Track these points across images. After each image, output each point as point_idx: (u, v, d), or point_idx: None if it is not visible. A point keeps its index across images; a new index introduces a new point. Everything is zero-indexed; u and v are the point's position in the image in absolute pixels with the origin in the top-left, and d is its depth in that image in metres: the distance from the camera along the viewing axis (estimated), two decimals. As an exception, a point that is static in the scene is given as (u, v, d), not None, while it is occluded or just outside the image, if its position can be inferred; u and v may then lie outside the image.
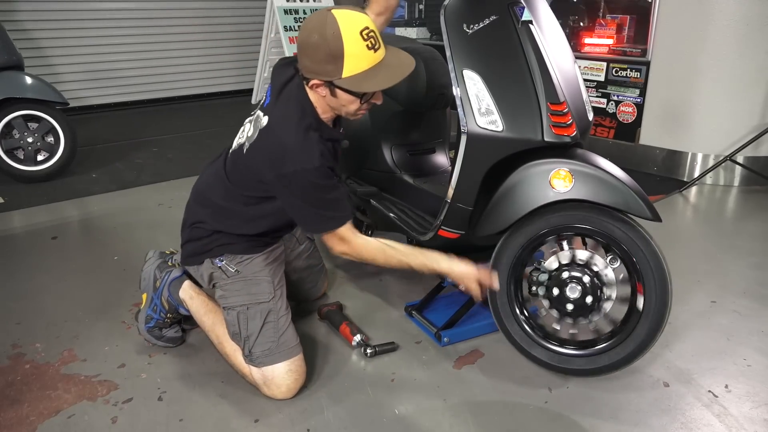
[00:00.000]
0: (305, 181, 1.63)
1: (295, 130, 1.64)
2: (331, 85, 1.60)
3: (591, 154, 1.77)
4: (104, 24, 5.63)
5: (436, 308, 2.19)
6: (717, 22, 3.42)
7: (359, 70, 1.56)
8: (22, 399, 1.77)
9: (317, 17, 1.55)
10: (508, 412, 1.71)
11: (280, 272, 1.92)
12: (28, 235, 3.00)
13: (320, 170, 1.63)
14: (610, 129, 4.01)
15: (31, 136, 3.68)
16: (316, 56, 1.56)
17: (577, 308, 1.77)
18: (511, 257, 1.82)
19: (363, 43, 1.54)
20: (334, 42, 1.52)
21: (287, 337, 1.79)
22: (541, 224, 1.76)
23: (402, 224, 2.18)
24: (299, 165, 1.61)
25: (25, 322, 2.19)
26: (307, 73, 1.62)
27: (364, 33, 1.55)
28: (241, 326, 1.78)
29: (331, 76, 1.57)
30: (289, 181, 1.64)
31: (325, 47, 1.53)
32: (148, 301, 1.99)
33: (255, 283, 1.82)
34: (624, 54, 3.84)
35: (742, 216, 3.21)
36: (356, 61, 1.55)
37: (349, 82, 1.58)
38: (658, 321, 1.68)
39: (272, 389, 1.75)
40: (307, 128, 1.64)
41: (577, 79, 1.92)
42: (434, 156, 2.47)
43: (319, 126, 1.69)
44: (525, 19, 1.78)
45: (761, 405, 1.74)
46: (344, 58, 1.53)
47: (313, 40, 1.54)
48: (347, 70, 1.55)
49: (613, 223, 1.68)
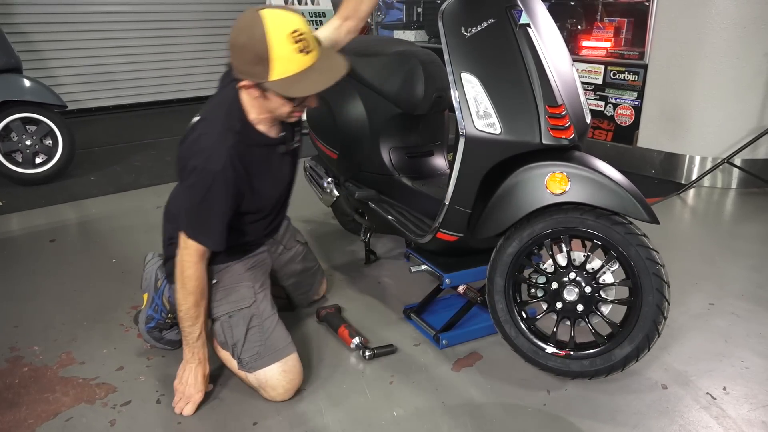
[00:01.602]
0: (199, 179, 1.60)
1: (213, 130, 1.62)
2: (261, 87, 1.56)
3: (589, 157, 1.77)
4: (103, 27, 5.63)
5: (434, 311, 2.19)
6: (714, 25, 3.44)
7: (288, 73, 1.51)
8: (20, 402, 1.77)
9: (246, 17, 1.51)
10: (506, 414, 1.71)
11: (262, 277, 1.91)
12: (26, 238, 3.00)
13: (220, 176, 1.59)
14: (608, 132, 4.01)
15: (29, 139, 3.68)
16: (243, 57, 1.52)
17: (574, 310, 1.77)
18: (509, 260, 1.82)
19: (291, 47, 1.49)
20: (260, 44, 1.47)
21: (275, 338, 1.78)
22: (540, 227, 1.77)
23: (400, 227, 2.18)
24: (202, 163, 1.59)
25: (22, 325, 2.19)
26: (238, 73, 1.58)
27: (294, 35, 1.49)
28: (227, 335, 1.78)
29: (259, 78, 1.53)
30: (188, 174, 1.62)
31: (251, 49, 1.48)
32: (149, 301, 1.99)
33: (234, 291, 1.82)
34: (622, 57, 3.85)
35: (739, 218, 3.22)
36: (284, 64, 1.50)
37: (278, 86, 1.53)
38: (655, 323, 1.68)
39: (269, 392, 1.75)
40: (226, 131, 1.62)
41: (575, 82, 1.93)
42: (432, 159, 2.48)
43: (243, 129, 1.66)
44: (523, 22, 1.78)
45: (759, 407, 1.74)
46: (271, 61, 1.48)
47: (241, 41, 1.50)
48: (275, 73, 1.51)
49: (611, 225, 1.69)
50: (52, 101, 3.69)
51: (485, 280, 1.88)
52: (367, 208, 2.43)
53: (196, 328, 1.74)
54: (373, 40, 2.70)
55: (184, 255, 1.70)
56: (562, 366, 1.80)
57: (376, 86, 2.34)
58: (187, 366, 1.76)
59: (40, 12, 5.26)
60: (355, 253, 2.75)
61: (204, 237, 1.68)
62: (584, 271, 1.77)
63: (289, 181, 1.92)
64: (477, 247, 2.04)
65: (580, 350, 1.80)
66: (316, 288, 2.29)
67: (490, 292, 1.86)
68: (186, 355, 1.77)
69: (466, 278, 2.04)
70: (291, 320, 2.21)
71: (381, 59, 2.34)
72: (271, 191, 1.83)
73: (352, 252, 2.77)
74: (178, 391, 1.74)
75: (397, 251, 2.77)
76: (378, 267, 2.63)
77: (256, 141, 1.69)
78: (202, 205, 1.63)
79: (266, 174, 1.77)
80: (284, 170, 1.86)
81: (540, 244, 1.80)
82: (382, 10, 5.69)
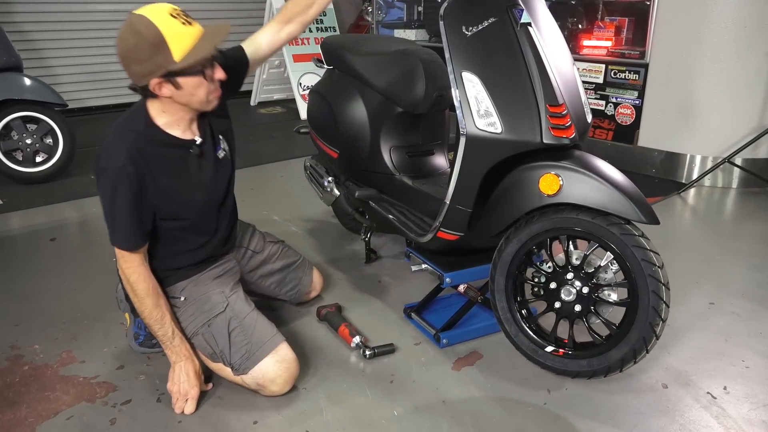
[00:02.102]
0: (105, 179, 1.63)
1: (113, 134, 1.66)
2: (171, 76, 1.57)
3: (589, 157, 1.77)
4: (103, 26, 5.62)
5: (435, 310, 2.19)
6: (715, 24, 3.43)
7: (186, 46, 1.54)
8: (20, 400, 1.77)
9: (124, 26, 1.55)
10: (507, 413, 1.71)
11: (231, 282, 1.91)
12: (27, 237, 3.00)
13: (121, 172, 1.60)
14: (609, 131, 4.01)
15: (29, 138, 3.67)
16: (141, 55, 1.53)
17: (572, 310, 1.77)
18: (509, 259, 1.82)
19: (177, 22, 1.54)
20: (149, 32, 1.50)
21: (259, 333, 1.77)
22: (537, 227, 1.76)
23: (401, 226, 2.18)
24: (104, 162, 1.62)
25: (23, 323, 2.19)
26: (143, 79, 1.57)
27: (174, 13, 1.55)
28: (211, 344, 1.77)
29: (165, 64, 1.54)
30: (98, 179, 1.65)
31: (144, 42, 1.51)
32: (131, 320, 1.97)
33: (206, 300, 1.81)
34: (622, 56, 3.85)
35: (740, 218, 3.22)
36: (179, 39, 1.53)
37: (185, 61, 1.55)
38: (652, 325, 1.67)
39: (269, 387, 1.74)
40: (126, 131, 1.65)
41: (576, 81, 1.92)
42: (433, 158, 2.48)
43: (147, 130, 1.67)
44: (524, 21, 1.78)
45: (760, 406, 1.74)
46: (168, 41, 1.52)
47: (131, 44, 1.53)
48: (176, 51, 1.53)
49: (607, 226, 1.68)
50: (53, 100, 3.68)
51: (487, 279, 1.88)
52: (367, 207, 2.43)
53: (167, 328, 1.74)
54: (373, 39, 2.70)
55: (121, 264, 1.71)
56: (561, 365, 1.80)
57: (376, 85, 2.34)
58: (176, 366, 1.75)
59: (40, 11, 5.25)
60: (355, 252, 2.75)
61: (121, 238, 1.67)
62: (582, 272, 1.76)
63: (218, 189, 1.86)
64: (477, 246, 2.04)
65: (578, 350, 1.80)
66: (306, 282, 2.25)
67: (493, 291, 1.87)
68: (171, 358, 1.76)
69: (467, 277, 2.04)
70: (291, 319, 2.21)
71: (382, 58, 2.34)
72: (190, 195, 1.77)
73: (353, 251, 2.77)
74: (174, 393, 1.74)
75: (398, 250, 2.77)
76: (378, 266, 2.63)
77: (161, 140, 1.69)
78: (112, 205, 1.64)
79: (180, 176, 1.73)
80: (206, 175, 1.79)
81: (540, 243, 1.80)
82: (383, 9, 5.68)
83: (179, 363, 1.75)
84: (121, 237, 1.68)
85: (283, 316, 2.23)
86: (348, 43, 2.52)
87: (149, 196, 1.68)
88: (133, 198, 1.64)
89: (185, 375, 1.74)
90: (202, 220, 1.84)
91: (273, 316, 2.14)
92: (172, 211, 1.75)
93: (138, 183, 1.64)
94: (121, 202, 1.63)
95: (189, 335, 1.80)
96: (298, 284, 2.23)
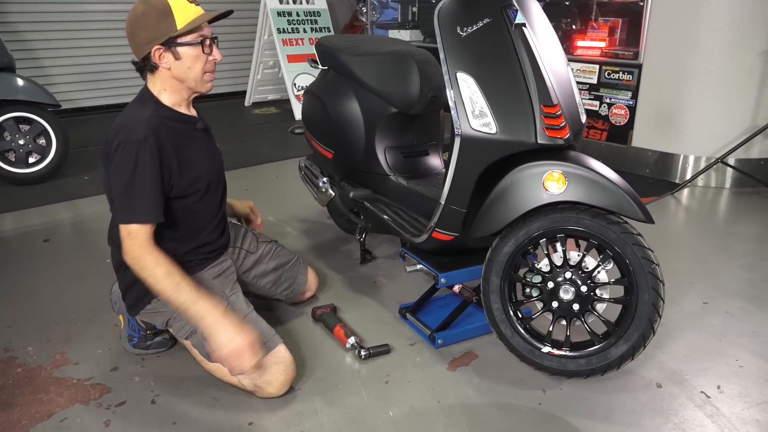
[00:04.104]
0: (125, 153, 1.64)
1: (128, 112, 1.72)
2: (172, 43, 1.67)
3: (584, 157, 1.77)
4: (96, 26, 5.60)
5: (430, 310, 2.19)
6: (708, 25, 3.45)
7: (189, 19, 1.68)
8: (14, 403, 1.76)
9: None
10: (502, 413, 1.72)
11: (230, 283, 1.91)
12: (20, 238, 2.98)
13: (144, 144, 1.64)
14: (603, 131, 4.02)
15: (22, 138, 3.66)
16: (147, 21, 1.66)
17: (570, 310, 1.78)
18: (504, 259, 1.82)
19: None
20: (158, 2, 1.65)
21: (259, 333, 1.76)
22: (535, 226, 1.77)
23: (396, 226, 2.18)
24: (124, 136, 1.65)
25: (16, 325, 2.18)
26: (146, 46, 1.67)
27: None
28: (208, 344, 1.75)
29: (168, 31, 1.66)
30: (114, 154, 1.66)
31: (152, 9, 1.65)
32: (125, 322, 1.96)
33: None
34: (616, 57, 3.86)
35: (733, 218, 3.24)
36: (183, 12, 1.67)
37: (185, 28, 1.67)
38: (651, 322, 1.69)
39: (266, 388, 1.74)
40: (142, 108, 1.72)
41: (570, 81, 1.93)
42: (428, 158, 2.48)
43: (158, 107, 1.74)
44: (518, 21, 1.79)
45: (753, 405, 1.75)
46: (174, 11, 1.66)
47: (140, 11, 1.67)
48: (179, 20, 1.66)
49: (607, 225, 1.69)
50: (46, 100, 3.67)
51: (481, 280, 1.89)
52: (362, 208, 2.43)
53: (186, 294, 1.64)
54: (368, 39, 2.69)
55: (133, 248, 1.65)
56: (557, 365, 1.81)
57: (371, 85, 2.34)
58: (212, 330, 1.63)
59: (33, 11, 5.23)
60: (350, 253, 2.75)
61: (141, 212, 1.65)
62: (580, 270, 1.77)
63: (220, 168, 1.94)
64: (472, 246, 2.04)
65: (575, 349, 1.81)
66: (301, 281, 2.25)
67: (486, 292, 1.86)
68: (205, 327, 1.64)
69: (462, 278, 2.04)
70: (286, 320, 2.21)
71: (376, 59, 2.34)
72: (202, 168, 1.81)
73: (348, 251, 2.77)
74: (224, 359, 1.63)
75: (393, 251, 2.77)
76: (373, 266, 2.63)
77: (171, 116, 1.77)
78: (132, 177, 1.64)
79: (191, 149, 1.79)
80: (211, 151, 1.89)
81: (536, 243, 1.80)
82: (377, 10, 5.68)
83: (217, 326, 1.63)
84: (140, 209, 1.65)
85: (279, 316, 2.23)
86: (343, 44, 2.52)
87: (166, 169, 1.71)
88: (155, 169, 1.66)
89: (227, 333, 1.62)
90: (208, 200, 1.86)
91: (268, 316, 2.14)
92: (183, 186, 1.77)
93: (158, 155, 1.68)
94: (144, 173, 1.65)
95: (187, 334, 1.80)
96: (294, 283, 2.23)
